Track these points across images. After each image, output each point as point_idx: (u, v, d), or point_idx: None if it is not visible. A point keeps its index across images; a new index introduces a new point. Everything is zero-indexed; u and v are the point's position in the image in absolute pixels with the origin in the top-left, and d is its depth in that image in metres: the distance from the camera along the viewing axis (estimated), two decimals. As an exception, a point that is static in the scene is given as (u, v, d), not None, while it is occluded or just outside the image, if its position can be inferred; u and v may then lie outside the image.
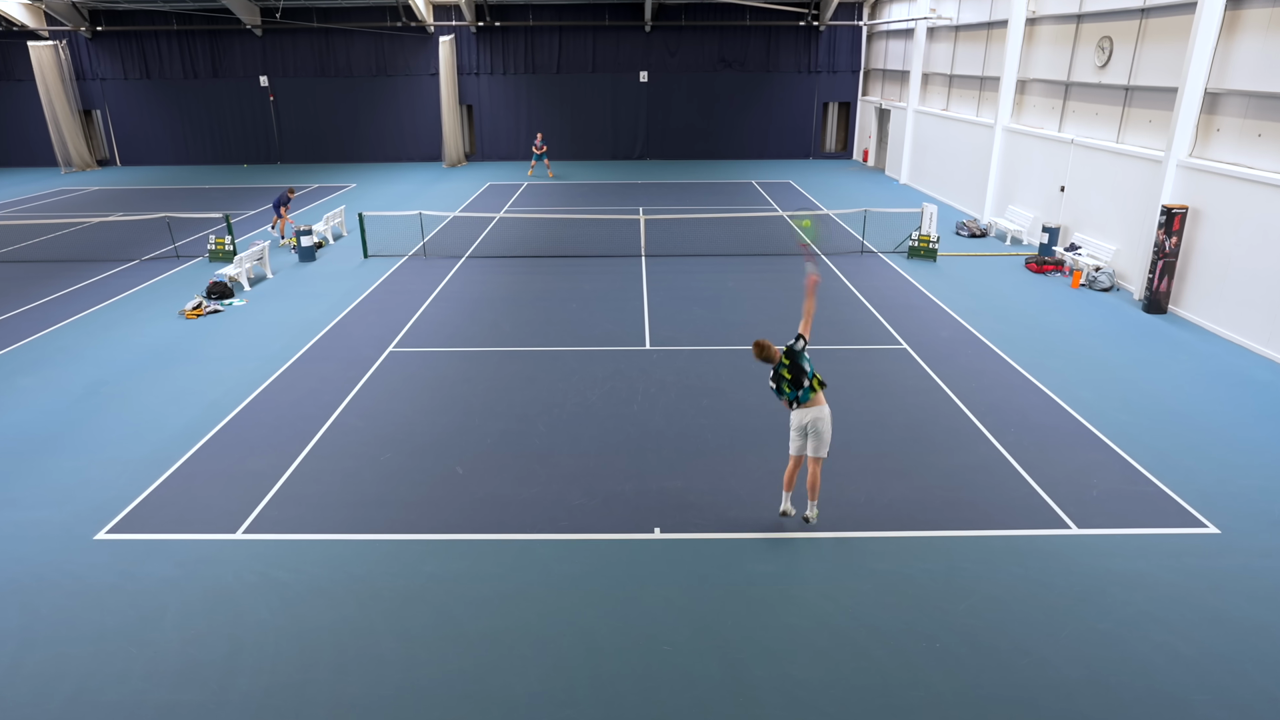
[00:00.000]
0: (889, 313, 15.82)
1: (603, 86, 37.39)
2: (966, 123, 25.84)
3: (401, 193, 30.02)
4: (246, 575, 8.17)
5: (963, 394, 12.09)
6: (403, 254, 20.69)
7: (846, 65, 37.47)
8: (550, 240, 22.02)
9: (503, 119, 37.86)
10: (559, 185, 31.42)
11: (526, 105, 37.60)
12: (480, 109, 37.62)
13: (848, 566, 8.22)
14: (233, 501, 9.39)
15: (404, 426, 11.18)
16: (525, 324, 15.34)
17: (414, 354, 13.87)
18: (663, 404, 11.80)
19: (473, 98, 37.45)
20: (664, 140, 38.20)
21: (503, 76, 37.17)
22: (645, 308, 16.25)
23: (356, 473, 9.99)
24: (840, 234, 22.60)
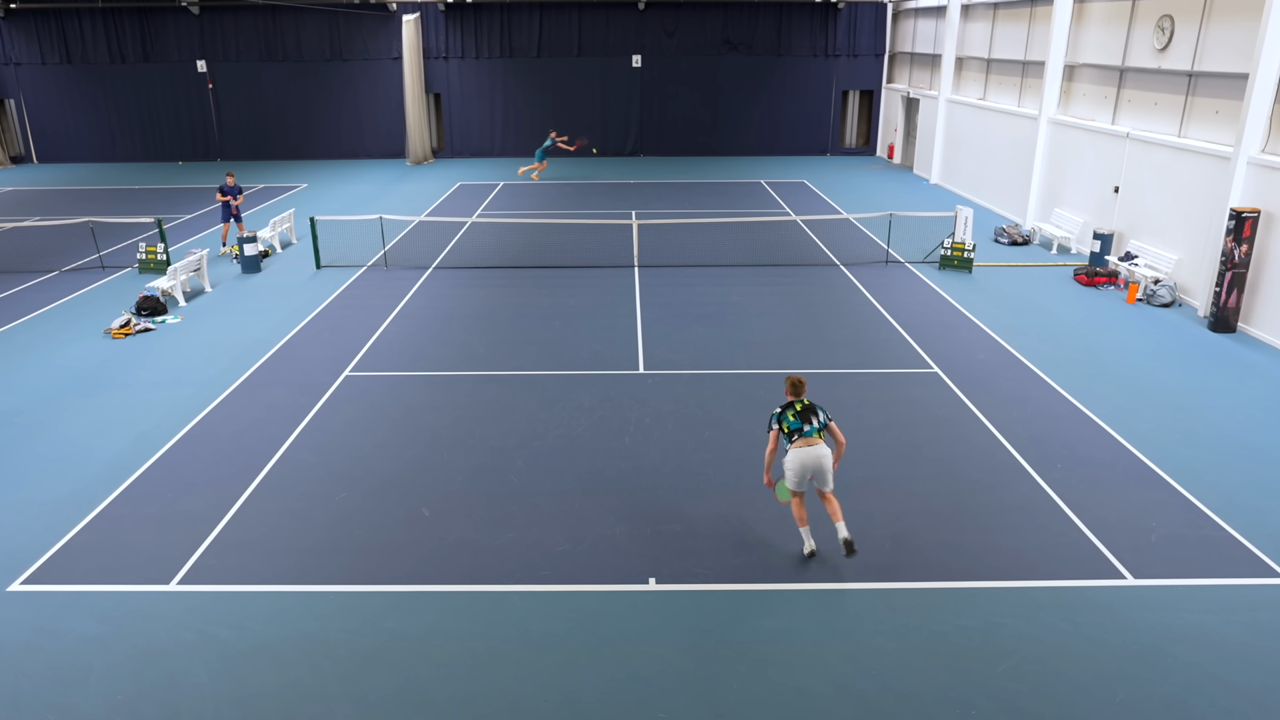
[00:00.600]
0: (918, 331, 16.03)
1: (590, 72, 37.85)
2: (1006, 114, 26.25)
3: (359, 194, 30.28)
4: (182, 632, 8.25)
5: (1002, 424, 12.26)
6: (360, 264, 20.89)
7: (869, 48, 38.00)
8: (530, 248, 22.25)
9: (475, 109, 38.27)
10: (540, 186, 31.75)
11: (502, 94, 38.04)
12: (449, 98, 38.04)
13: (871, 622, 8.33)
14: (166, 548, 9.48)
15: (362, 462, 11.29)
16: (501, 344, 15.50)
17: (374, 379, 14.01)
18: (659, 436, 11.95)
19: (441, 85, 37.87)
20: (660, 134, 38.63)
21: (475, 61, 37.64)
22: (638, 326, 16.44)
23: (308, 515, 10.09)
24: (862, 242, 22.88)
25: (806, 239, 23.10)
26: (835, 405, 12.82)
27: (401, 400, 13.19)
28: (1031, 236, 23.06)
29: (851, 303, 17.78)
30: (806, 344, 15.43)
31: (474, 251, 22.00)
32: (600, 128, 38.49)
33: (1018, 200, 25.27)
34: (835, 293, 18.47)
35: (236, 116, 37.99)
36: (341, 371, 14.30)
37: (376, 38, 37.14)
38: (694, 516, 10.01)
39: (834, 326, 16.33)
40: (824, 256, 21.34)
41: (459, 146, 38.81)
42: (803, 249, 22.07)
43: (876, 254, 21.54)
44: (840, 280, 19.37)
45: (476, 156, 38.82)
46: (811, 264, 20.66)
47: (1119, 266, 19.25)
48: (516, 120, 38.36)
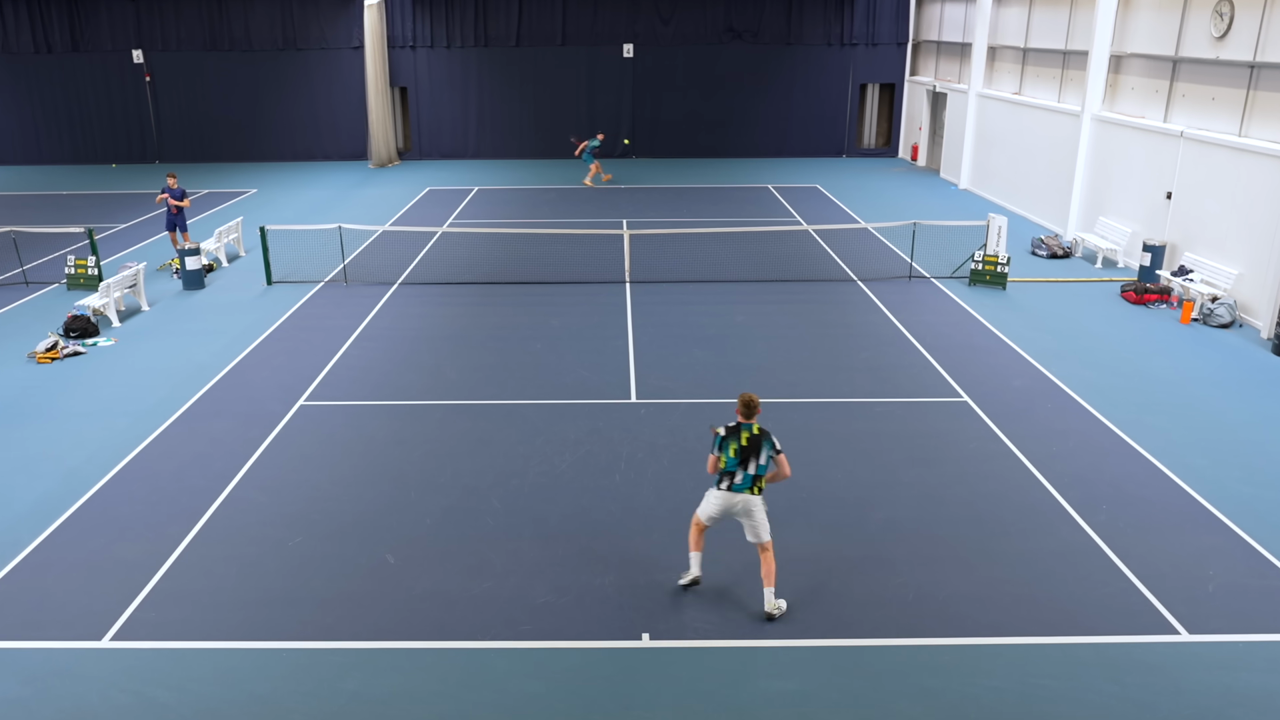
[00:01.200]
0: (945, 355, 16.22)
1: (575, 63, 38.24)
2: (1045, 110, 26.59)
3: (316, 200, 30.51)
4: (116, 694, 8.31)
5: (1040, 460, 12.41)
6: (317, 279, 21.06)
7: (890, 36, 38.46)
8: (508, 262, 22.45)
9: (446, 105, 38.61)
10: (520, 192, 31.99)
11: (476, 87, 38.40)
12: (417, 92, 38.39)
13: (892, 683, 8.42)
14: (98, 599, 9.56)
15: (319, 502, 11.39)
16: (476, 370, 15.64)
17: (332, 408, 14.13)
18: (653, 473, 12.07)
19: (407, 78, 38.22)
20: (654, 133, 38.96)
21: (446, 51, 38.01)
22: (630, 349, 16.60)
23: (258, 562, 10.18)
24: (883, 255, 23.12)
25: (820, 251, 23.34)
26: (851, 438, 12.97)
27: (363, 433, 13.29)
28: (1073, 248, 23.31)
29: (870, 323, 17.98)
30: (819, 369, 15.60)
31: (445, 265, 22.19)
32: (587, 126, 38.84)
33: (1058, 208, 25.56)
34: (852, 311, 18.66)
35: (177, 113, 38.26)
36: (295, 400, 14.42)
37: (335, 24, 37.52)
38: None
39: (851, 349, 16.51)
40: (839, 271, 21.56)
41: (428, 147, 39.12)
42: (815, 262, 22.29)
43: (898, 268, 21.77)
44: (858, 298, 19.58)
45: (448, 158, 39.13)
46: (825, 279, 20.88)
47: (1172, 282, 19.48)
48: (493, 117, 38.69)
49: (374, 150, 37.22)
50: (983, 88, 31.23)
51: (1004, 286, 20.23)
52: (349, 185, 33.29)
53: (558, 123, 38.71)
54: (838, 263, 22.26)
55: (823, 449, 12.75)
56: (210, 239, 23.27)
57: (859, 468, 12.23)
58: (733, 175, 34.92)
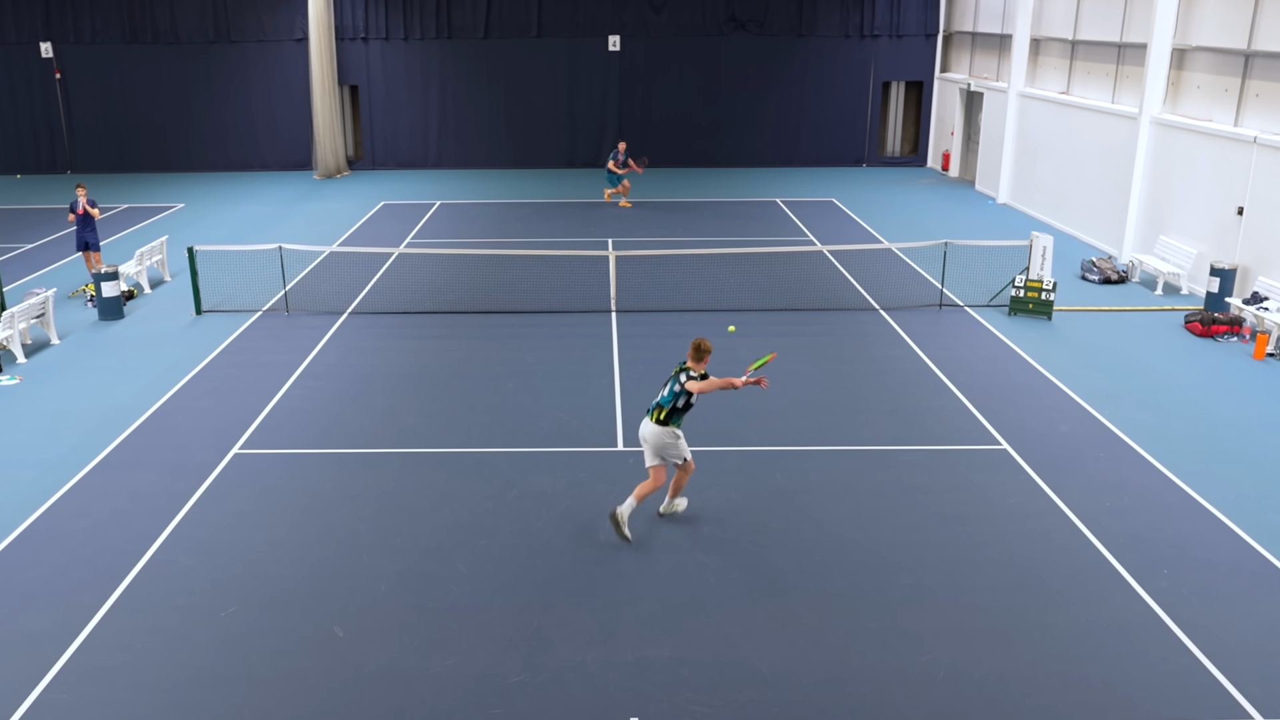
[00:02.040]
0: (981, 396, 16.40)
1: (553, 58, 38.58)
2: (1097, 112, 26.89)
3: (252, 217, 30.70)
4: (18, 792, 8.34)
5: (1091, 517, 12.56)
6: (254, 308, 21.18)
7: (918, 27, 38.88)
8: (476, 288, 22.60)
9: (403, 107, 38.88)
10: (489, 207, 32.18)
11: (439, 86, 38.68)
12: (370, 92, 38.65)
13: (920, 774, 8.49)
14: (1, 678, 9.65)
15: (257, 566, 11.47)
16: (438, 413, 15.76)
17: (271, 457, 14.22)
18: (643, 533, 12.20)
19: (358, 75, 38.51)
20: (645, 139, 39.16)
21: (403, 44, 38.32)
22: (616, 388, 16.75)
23: (186, 635, 10.24)
24: (909, 279, 23.34)
25: (836, 276, 23.56)
26: (873, 490, 13.11)
27: (307, 486, 13.38)
28: (1129, 272, 23.54)
29: (895, 359, 18.17)
30: (836, 411, 15.76)
31: (402, 292, 22.35)
32: (566, 130, 39.19)
33: (1111, 225, 25.79)
34: (874, 345, 18.87)
35: (92, 116, 38.48)
36: (229, 448, 14.50)
37: (274, 13, 37.79)
38: (688, 638, 10.21)
39: (872, 389, 16.69)
40: (859, 298, 21.78)
41: (382, 155, 39.36)
42: (831, 289, 22.50)
43: (928, 295, 22.00)
44: (880, 329, 19.79)
45: (405, 168, 39.38)
46: (843, 308, 21.09)
47: (1244, 311, 19.70)
48: (457, 121, 38.97)
49: (320, 159, 37.49)
50: (1025, 86, 31.60)
51: (1049, 316, 20.45)
52: (291, 199, 33.52)
53: (532, 127, 39.06)
54: (857, 289, 22.50)
55: (839, 504, 12.89)
56: (130, 261, 23.38)
57: (881, 526, 12.36)
58: (735, 187, 35.23)
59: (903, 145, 40.80)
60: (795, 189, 34.95)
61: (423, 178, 37.60)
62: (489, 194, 34.19)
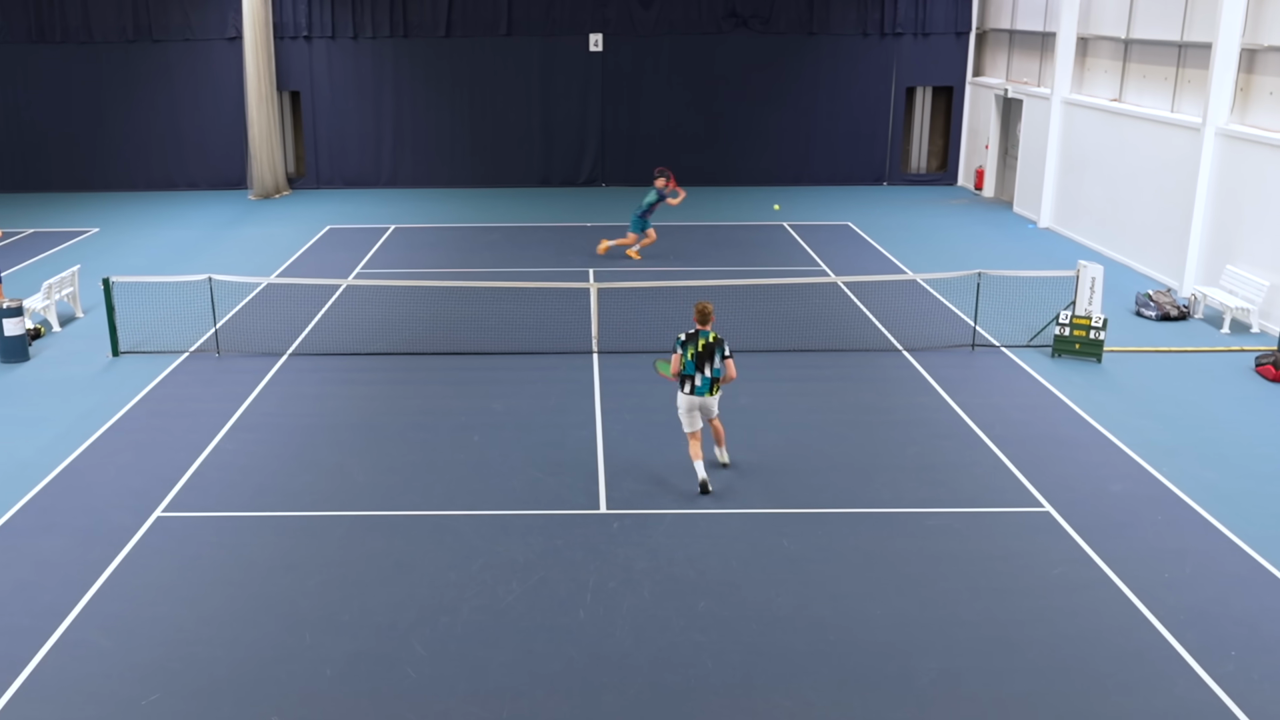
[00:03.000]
0: (1020, 451, 16.44)
1: (525, 60, 38.64)
2: (1154, 122, 26.93)
3: (179, 243, 30.72)
4: None
5: (1146, 591, 12.57)
6: (180, 348, 21.16)
7: (947, 24, 38.95)
8: (437, 325, 22.63)
9: (352, 116, 38.89)
10: (451, 233, 32.23)
11: (393, 92, 38.71)
12: (313, 98, 38.67)
13: None
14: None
15: (183, 647, 11.39)
16: (392, 470, 15.75)
17: (199, 521, 14.17)
18: (629, 609, 12.17)
19: (301, 80, 38.55)
20: (631, 153, 39.39)
21: (352, 43, 38.35)
22: (599, 442, 16.75)
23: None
24: (937, 315, 23.45)
25: (852, 311, 23.64)
26: (895, 561, 13.12)
27: (241, 554, 13.32)
28: (1192, 307, 23.60)
29: (921, 407, 18.22)
30: (852, 469, 15.79)
31: (351, 330, 22.36)
32: (541, 144, 39.23)
33: (1171, 253, 25.80)
34: (896, 392, 18.93)
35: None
36: (151, 511, 14.44)
37: (203, 8, 37.74)
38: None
39: (894, 443, 16.73)
40: (878, 338, 21.86)
41: (328, 172, 39.38)
42: (847, 326, 22.57)
43: (958, 334, 22.07)
44: (904, 373, 19.86)
45: (354, 187, 39.39)
46: (860, 349, 21.16)
47: (1320, 352, 19.78)
48: (414, 132, 39.05)
49: (256, 176, 37.49)
50: (1070, 92, 31.63)
51: (1099, 358, 20.51)
52: (223, 223, 33.52)
53: (501, 139, 39.13)
54: (876, 327, 22.59)
55: (856, 576, 12.90)
56: (37, 295, 23.34)
57: (905, 601, 12.37)
58: (735, 209, 35.34)
59: (929, 161, 41.03)
60: (805, 211, 35.08)
61: (375, 198, 37.68)
62: (451, 217, 34.27)
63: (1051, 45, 32.83)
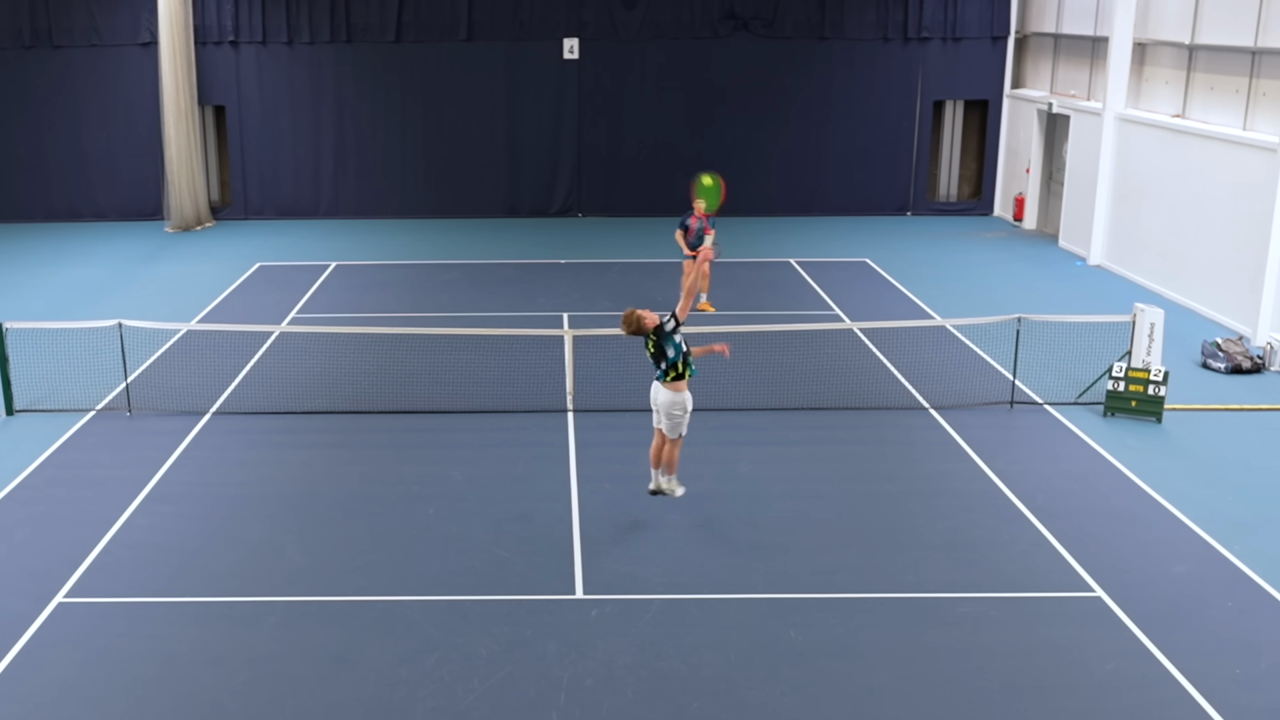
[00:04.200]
0: (1066, 525, 16.44)
1: (488, 69, 38.74)
2: (1224, 141, 27.03)
3: (83, 283, 30.77)
4: None
5: (1214, 689, 12.57)
6: (85, 407, 21.16)
7: (981, 27, 38.96)
8: (385, 380, 22.66)
9: (286, 134, 38.90)
10: (402, 271, 32.31)
11: (334, 107, 38.73)
12: (241, 114, 38.70)
13: None
14: None
15: (81, 763, 11.40)
16: (333, 548, 15.75)
17: (108, 608, 14.10)
18: (609, 711, 12.16)
19: (226, 93, 38.58)
20: (612, 178, 39.50)
21: (286, 49, 38.32)
22: (574, 515, 16.74)
23: None
24: (970, 368, 23.54)
25: (870, 363, 23.73)
26: (921, 652, 13.13)
27: (158, 647, 13.26)
28: (1268, 357, 23.63)
29: (951, 475, 18.26)
30: (870, 546, 15.81)
31: (285, 385, 22.37)
32: (507, 168, 39.24)
33: (1243, 295, 25.82)
34: (922, 457, 19.00)
35: None
36: (51, 596, 14.37)
37: (112, 9, 37.58)
38: None
39: (919, 516, 16.75)
40: (901, 394, 21.97)
41: (258, 200, 39.38)
42: (864, 380, 22.61)
43: (994, 389, 22.10)
44: (931, 435, 19.94)
45: (288, 217, 39.40)
46: (880, 406, 21.23)
47: None
48: (359, 152, 39.06)
49: (174, 205, 37.48)
50: (1126, 107, 31.65)
51: (1159, 418, 20.55)
52: (135, 259, 33.58)
53: (460, 162, 39.22)
54: (899, 380, 22.68)
55: (876, 671, 12.90)
56: (-88, 343, 23.39)
57: (932, 701, 12.39)
58: (733, 243, 35.05)
59: (961, 187, 41.18)
60: (815, 245, 35.26)
61: (313, 230, 37.78)
62: (402, 253, 34.37)
63: (1103, 52, 32.81)
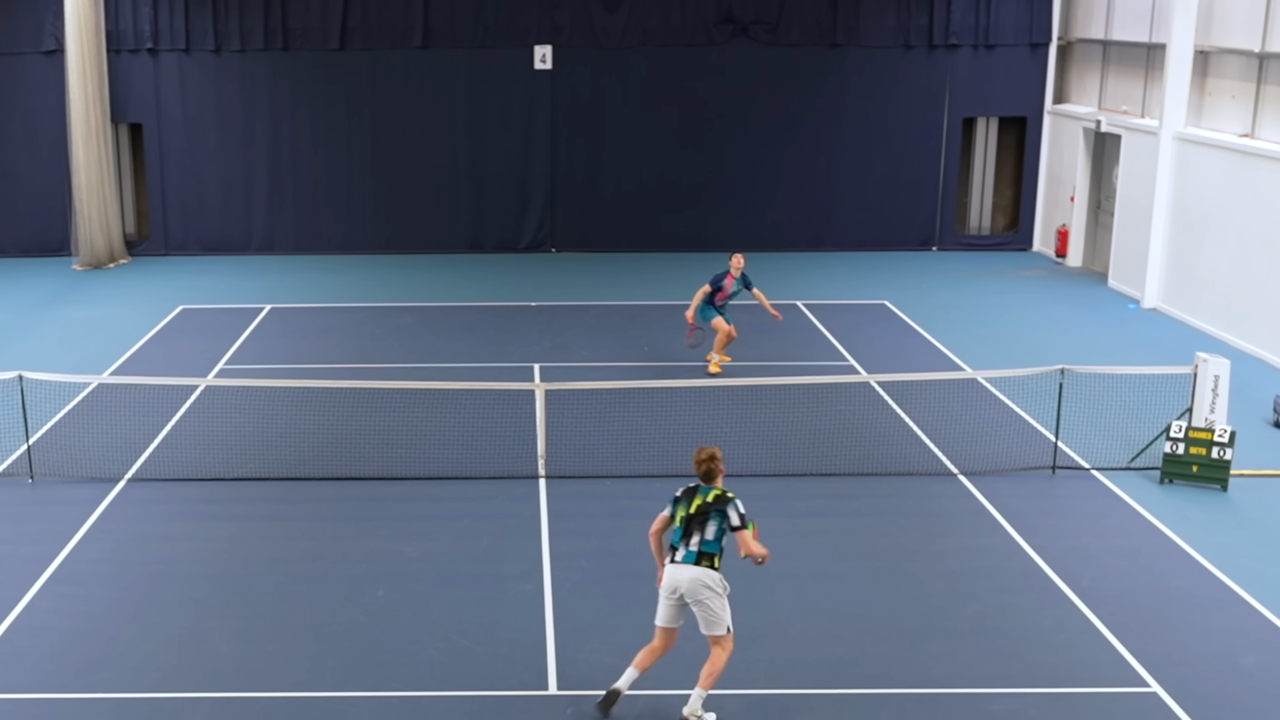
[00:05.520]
0: (1117, 610, 16.44)
1: (447, 81, 38.91)
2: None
3: (-24, 327, 30.77)
4: None
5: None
6: (-23, 474, 21.23)
7: (1018, 33, 39.09)
8: (329, 440, 22.69)
9: (213, 157, 38.92)
10: (348, 315, 32.29)
11: (269, 125, 38.80)
12: (161, 134, 38.79)
13: None
14: None
15: None
16: (268, 637, 15.74)
17: (6, 706, 14.06)
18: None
19: (143, 108, 38.70)
20: (590, 207, 39.69)
21: (213, 58, 38.34)
22: (547, 599, 16.76)
23: None
24: (1006, 427, 23.58)
25: (890, 421, 23.82)
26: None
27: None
28: (1347, 416, 23.78)
29: (983, 551, 18.28)
30: (890, 634, 15.84)
31: (213, 446, 22.35)
32: (468, 195, 39.30)
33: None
34: (949, 531, 19.04)
35: None
36: (-66, 698, 14.42)
37: (11, 12, 37.59)
38: None
39: (946, 599, 16.78)
40: (926, 457, 22.05)
41: (180, 233, 39.44)
42: (882, 441, 22.66)
43: (1034, 452, 22.15)
44: (960, 505, 19.97)
45: (216, 252, 39.48)
46: (901, 471, 21.28)
47: None
48: (298, 178, 39.17)
49: (83, 239, 37.52)
50: (1186, 125, 31.66)
51: (1224, 485, 20.56)
52: (38, 302, 33.65)
53: (415, 189, 39.34)
54: (923, 442, 22.78)
55: (896, 781, 12.97)
56: None
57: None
58: None
59: (995, 218, 41.33)
60: (827, 286, 35.36)
61: (244, 268, 37.81)
62: (348, 294, 34.44)
63: (1160, 61, 32.74)
